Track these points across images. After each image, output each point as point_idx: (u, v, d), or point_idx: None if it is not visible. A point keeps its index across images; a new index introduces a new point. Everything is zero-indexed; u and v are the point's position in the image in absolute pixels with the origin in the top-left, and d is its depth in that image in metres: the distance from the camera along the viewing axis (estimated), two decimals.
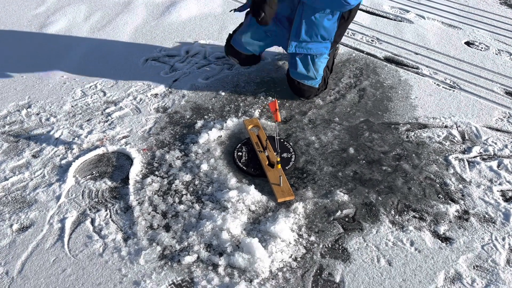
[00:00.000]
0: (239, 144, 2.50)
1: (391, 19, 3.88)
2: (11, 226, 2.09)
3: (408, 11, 3.99)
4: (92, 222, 2.10)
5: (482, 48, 3.45)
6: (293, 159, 2.40)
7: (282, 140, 2.52)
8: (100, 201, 2.21)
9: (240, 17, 3.12)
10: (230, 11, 2.80)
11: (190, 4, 4.10)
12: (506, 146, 2.49)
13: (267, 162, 2.36)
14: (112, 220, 2.11)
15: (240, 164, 2.37)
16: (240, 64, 3.04)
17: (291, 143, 2.51)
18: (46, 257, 1.94)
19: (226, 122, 2.65)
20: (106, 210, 2.16)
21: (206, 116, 2.75)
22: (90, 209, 2.16)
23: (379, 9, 4.02)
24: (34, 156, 2.47)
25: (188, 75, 3.16)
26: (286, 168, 2.36)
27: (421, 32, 3.67)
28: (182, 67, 3.25)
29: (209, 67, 3.25)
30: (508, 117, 2.71)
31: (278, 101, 2.46)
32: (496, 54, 3.36)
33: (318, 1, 2.39)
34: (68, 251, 1.96)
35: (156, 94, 2.96)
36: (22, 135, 2.62)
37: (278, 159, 2.21)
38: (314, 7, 2.43)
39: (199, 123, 2.68)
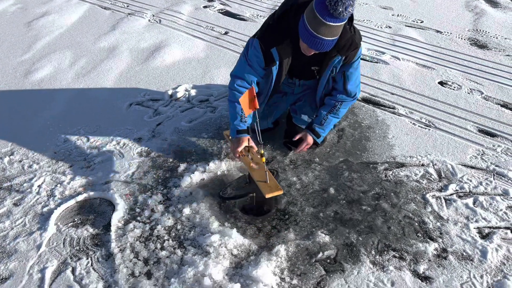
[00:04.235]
0: (223, 188, 2.48)
1: (368, 60, 4.04)
2: None
3: (383, 53, 4.16)
4: (73, 271, 2.08)
5: (455, 87, 3.60)
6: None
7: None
8: (82, 249, 2.20)
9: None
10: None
11: (174, 50, 4.23)
12: (480, 183, 2.57)
13: (251, 164, 2.38)
14: (93, 268, 2.09)
15: (230, 197, 2.38)
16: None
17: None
18: None
19: (208, 165, 2.69)
20: (87, 258, 2.14)
21: (189, 159, 2.79)
22: (71, 258, 2.15)
23: None
24: (15, 204, 2.46)
25: (172, 119, 3.22)
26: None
27: (396, 73, 3.82)
28: (166, 110, 3.32)
29: (192, 110, 3.32)
30: (482, 154, 2.81)
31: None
32: (468, 93, 3.51)
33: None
34: None
35: (140, 139, 3.00)
36: (4, 182, 2.62)
37: (262, 152, 2.23)
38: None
39: (182, 167, 2.71)
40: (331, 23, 2.09)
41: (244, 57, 2.51)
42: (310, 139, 2.69)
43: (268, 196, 2.20)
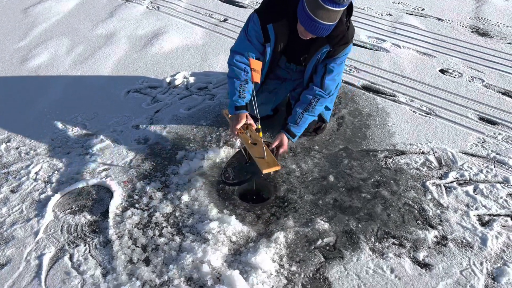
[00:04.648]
0: (223, 169, 2.47)
1: (368, 48, 4.00)
2: None
3: (384, 41, 4.12)
4: (71, 257, 2.07)
5: (455, 75, 3.57)
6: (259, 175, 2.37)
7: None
8: (79, 236, 2.18)
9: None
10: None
11: (172, 37, 4.18)
12: (481, 171, 2.55)
13: (249, 141, 2.35)
14: (91, 255, 2.08)
15: (230, 182, 2.34)
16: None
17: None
18: None
19: (207, 153, 2.67)
20: (85, 245, 2.13)
21: (187, 147, 2.77)
22: (69, 244, 2.13)
23: (357, 38, 4.14)
24: (12, 191, 2.44)
25: (170, 106, 3.19)
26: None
27: (397, 60, 3.79)
28: (164, 98, 3.29)
29: (191, 97, 3.29)
30: (482, 142, 2.79)
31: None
32: (469, 81, 3.48)
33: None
34: None
35: (137, 126, 2.97)
36: (1, 169, 2.60)
37: (259, 127, 2.21)
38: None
39: (180, 154, 2.69)
40: (330, 7, 2.05)
41: (244, 32, 2.48)
42: (286, 144, 2.54)
43: (265, 171, 2.18)
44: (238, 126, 2.36)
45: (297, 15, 2.22)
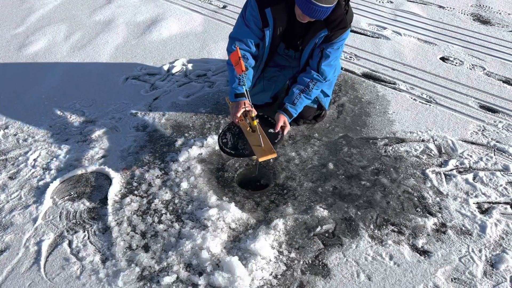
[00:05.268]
0: (221, 132, 2.46)
1: (369, 36, 3.97)
2: None
3: (385, 28, 4.08)
4: (70, 244, 2.07)
5: (456, 63, 3.54)
6: (280, 133, 2.42)
7: (266, 117, 2.52)
8: (78, 223, 2.18)
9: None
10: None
11: (171, 23, 4.13)
12: (481, 159, 2.55)
13: (248, 128, 2.34)
14: (90, 241, 2.08)
15: (227, 149, 2.33)
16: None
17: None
18: (22, 282, 1.90)
19: (206, 140, 2.65)
20: (84, 232, 2.13)
21: (186, 134, 2.75)
22: (67, 231, 2.13)
23: (357, 26, 4.10)
24: (10, 178, 2.43)
25: (169, 93, 3.17)
26: (276, 141, 2.36)
27: (397, 48, 3.75)
28: (163, 85, 3.26)
29: (189, 85, 3.26)
30: (483, 130, 2.78)
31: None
32: (470, 69, 3.45)
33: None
34: (44, 275, 1.92)
35: (136, 113, 2.95)
36: None
37: (253, 115, 2.22)
38: None
39: (180, 141, 2.68)
40: None
41: (241, 18, 2.45)
42: (288, 125, 2.52)
43: (261, 159, 2.17)
44: (238, 114, 2.34)
45: None
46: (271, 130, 2.43)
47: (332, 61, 2.50)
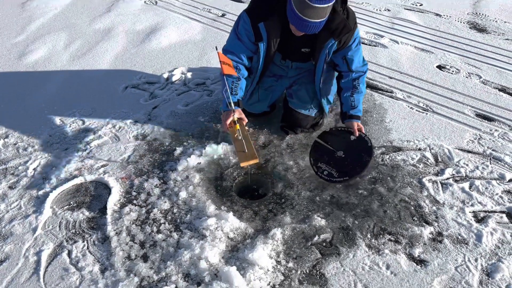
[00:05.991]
0: (314, 167, 2.53)
1: (366, 44, 4.00)
2: None
3: (382, 36, 4.12)
4: (69, 254, 2.08)
5: (453, 71, 3.57)
6: (369, 143, 2.50)
7: (340, 129, 2.65)
8: (78, 232, 2.20)
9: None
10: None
11: (170, 32, 4.17)
12: (477, 167, 2.57)
13: (236, 135, 2.36)
14: (89, 251, 2.09)
15: (339, 179, 2.42)
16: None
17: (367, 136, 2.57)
18: None
19: (205, 149, 2.67)
20: (83, 241, 2.14)
21: (185, 143, 2.77)
22: (67, 241, 2.15)
23: None
24: (10, 188, 2.45)
25: (168, 102, 3.20)
26: (369, 145, 2.48)
27: (395, 56, 3.79)
28: (162, 94, 3.29)
29: (188, 93, 3.29)
30: (479, 138, 2.80)
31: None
32: (466, 77, 3.49)
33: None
34: (43, 285, 1.94)
35: (136, 122, 2.98)
36: None
37: (235, 119, 2.28)
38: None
39: (178, 150, 2.70)
40: (316, 5, 2.05)
41: (234, 32, 2.48)
42: (361, 126, 2.61)
43: (242, 164, 2.21)
44: (228, 122, 2.37)
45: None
46: (353, 137, 2.54)
47: (359, 58, 2.57)
